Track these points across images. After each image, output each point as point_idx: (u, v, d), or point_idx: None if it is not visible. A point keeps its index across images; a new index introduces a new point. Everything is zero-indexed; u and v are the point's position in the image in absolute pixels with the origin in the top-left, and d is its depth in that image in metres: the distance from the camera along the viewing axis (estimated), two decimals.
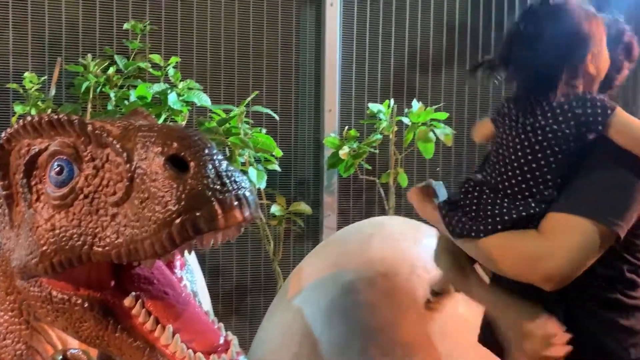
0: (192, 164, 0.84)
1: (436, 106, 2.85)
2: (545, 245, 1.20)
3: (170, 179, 0.83)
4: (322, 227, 2.94)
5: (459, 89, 3.15)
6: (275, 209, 2.62)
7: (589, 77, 1.26)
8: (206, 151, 0.85)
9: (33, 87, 2.34)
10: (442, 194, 1.40)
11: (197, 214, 0.82)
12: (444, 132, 2.72)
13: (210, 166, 0.84)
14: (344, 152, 2.69)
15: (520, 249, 1.24)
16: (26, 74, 2.36)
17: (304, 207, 2.69)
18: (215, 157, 0.86)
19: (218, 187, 0.84)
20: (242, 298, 2.93)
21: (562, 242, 1.19)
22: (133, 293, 0.99)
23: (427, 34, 3.10)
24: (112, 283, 1.02)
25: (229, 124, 2.41)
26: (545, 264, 1.19)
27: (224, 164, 0.87)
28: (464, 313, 1.63)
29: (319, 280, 1.87)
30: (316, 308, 1.81)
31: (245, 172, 2.26)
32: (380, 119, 2.77)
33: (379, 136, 2.77)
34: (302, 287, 1.90)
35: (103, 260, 0.91)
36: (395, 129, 2.78)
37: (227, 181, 0.85)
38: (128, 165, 0.88)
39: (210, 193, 0.83)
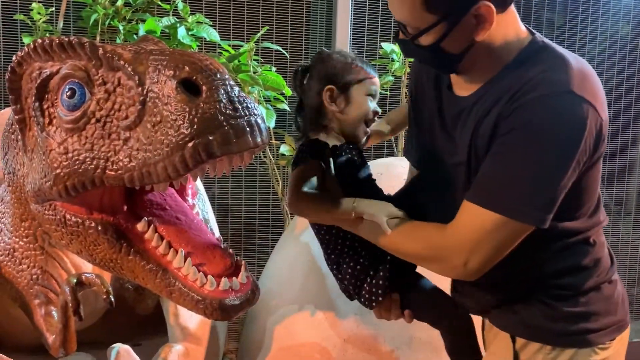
0: (204, 87, 0.83)
1: None
2: (448, 235, 1.13)
3: (182, 102, 0.83)
4: None
5: None
6: (284, 148, 2.62)
7: None
8: (218, 75, 0.85)
9: (41, 18, 2.30)
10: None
11: (210, 137, 0.82)
12: None
13: (222, 91, 0.84)
14: None
15: (426, 235, 1.18)
16: (34, 5, 2.32)
17: None
18: (227, 82, 0.85)
19: (230, 112, 0.84)
20: (251, 237, 2.97)
21: (469, 235, 1.10)
22: (145, 218, 1.01)
23: None
24: (125, 208, 1.03)
25: (238, 60, 2.37)
26: (455, 258, 1.12)
27: (236, 89, 0.87)
28: None
29: None
30: None
31: None
32: (393, 60, 2.72)
33: (391, 78, 2.72)
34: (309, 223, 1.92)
35: (116, 184, 0.92)
36: (408, 70, 2.73)
37: (239, 107, 0.85)
38: (140, 89, 0.88)
39: (222, 117, 0.83)
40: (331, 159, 1.33)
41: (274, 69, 2.49)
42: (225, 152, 0.83)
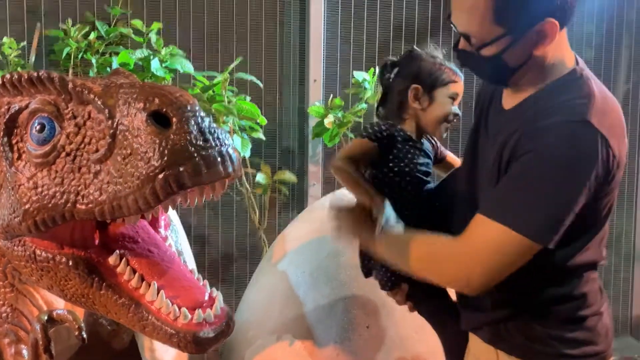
0: (174, 119, 0.84)
1: None
2: (458, 245, 1.15)
3: (152, 134, 0.83)
4: (307, 197, 2.95)
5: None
6: (260, 177, 2.62)
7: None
8: (188, 107, 0.85)
9: (12, 53, 2.29)
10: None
11: (181, 168, 0.82)
12: None
13: (192, 122, 0.84)
14: (329, 121, 2.69)
15: (434, 248, 1.19)
16: (5, 40, 2.31)
17: (289, 176, 2.69)
18: (198, 114, 0.86)
19: (201, 143, 0.84)
20: (228, 267, 2.94)
21: (476, 246, 1.12)
22: (117, 251, 1.00)
23: (412, 3, 3.08)
24: (96, 242, 1.02)
25: (213, 91, 2.39)
26: (464, 271, 1.14)
27: (207, 120, 0.87)
28: None
29: (304, 245, 1.89)
30: (301, 271, 1.84)
31: None
32: (365, 88, 2.76)
33: (364, 105, 2.76)
34: (287, 251, 1.92)
35: (87, 217, 0.91)
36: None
37: (210, 137, 0.85)
38: (110, 122, 0.88)
39: (193, 148, 0.83)
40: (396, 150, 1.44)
41: (248, 98, 2.51)
42: (196, 183, 0.83)
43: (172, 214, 1.65)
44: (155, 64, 2.30)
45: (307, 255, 1.85)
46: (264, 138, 2.60)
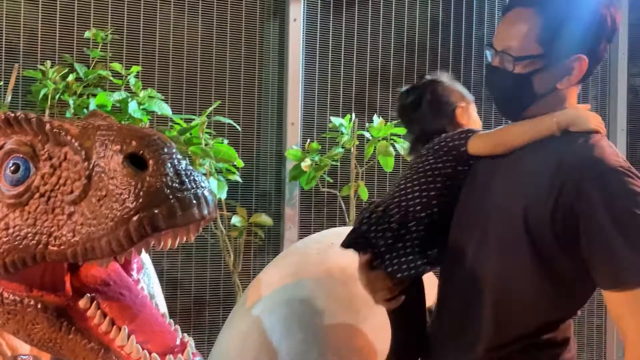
0: (150, 161, 0.84)
1: (396, 121, 2.91)
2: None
3: (128, 176, 0.83)
4: (283, 240, 2.94)
5: None
6: (235, 219, 2.62)
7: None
8: (165, 150, 0.86)
9: None
10: None
11: (155, 211, 0.82)
12: (404, 147, 2.77)
13: (169, 164, 0.85)
14: (306, 164, 2.72)
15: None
16: None
17: (265, 219, 2.69)
18: (174, 156, 0.87)
19: (177, 185, 0.84)
20: (201, 312, 2.89)
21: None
22: (88, 294, 0.98)
23: (387, 51, 3.18)
24: (67, 285, 1.00)
25: (190, 133, 2.40)
26: None
27: (183, 163, 0.88)
28: None
29: (278, 290, 1.87)
30: (275, 317, 1.81)
31: None
32: (342, 133, 2.81)
33: (341, 149, 2.80)
34: (261, 297, 1.90)
35: (58, 259, 0.90)
36: (357, 142, 2.82)
37: (186, 180, 0.86)
38: (86, 163, 0.88)
39: (168, 191, 0.83)
40: None
41: (226, 141, 2.53)
42: (170, 225, 0.83)
43: (145, 256, 1.63)
44: (133, 106, 2.32)
45: (282, 301, 1.83)
46: (240, 180, 2.61)
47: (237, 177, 2.54)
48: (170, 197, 0.83)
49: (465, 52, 3.30)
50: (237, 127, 2.70)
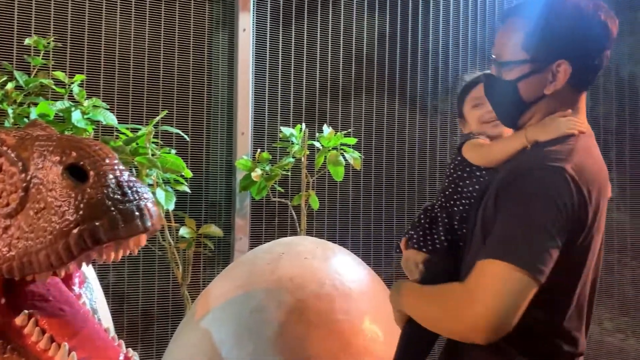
0: (91, 173, 0.82)
1: (346, 131, 2.94)
2: (465, 292, 1.15)
3: (68, 188, 0.81)
4: (234, 251, 2.91)
5: (367, 115, 3.28)
6: (184, 231, 2.57)
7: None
8: (107, 161, 0.84)
9: None
10: None
11: (97, 223, 0.80)
12: (353, 156, 2.80)
13: (110, 175, 0.83)
14: (256, 174, 2.70)
15: (442, 301, 1.21)
16: None
17: (215, 230, 2.65)
18: (116, 167, 0.85)
19: (119, 196, 0.83)
20: (149, 326, 2.82)
21: (483, 287, 1.12)
22: (25, 311, 0.95)
23: (337, 63, 3.21)
24: (3, 301, 0.96)
25: (137, 143, 2.35)
26: (468, 312, 1.13)
27: (125, 174, 0.86)
28: (369, 327, 1.67)
29: (228, 301, 1.85)
30: (225, 328, 1.79)
31: (153, 193, 2.21)
32: (293, 143, 2.81)
33: (291, 159, 2.81)
34: (210, 308, 1.87)
35: None
36: (307, 152, 2.83)
37: (128, 191, 0.84)
38: (23, 175, 0.85)
39: (110, 202, 0.81)
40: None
41: (173, 151, 2.48)
42: (112, 238, 0.81)
43: (89, 269, 1.58)
44: (76, 116, 2.25)
45: (231, 312, 1.81)
46: (189, 191, 2.57)
47: (185, 188, 2.50)
48: (112, 209, 0.81)
49: (412, 64, 3.38)
50: (185, 136, 2.67)
